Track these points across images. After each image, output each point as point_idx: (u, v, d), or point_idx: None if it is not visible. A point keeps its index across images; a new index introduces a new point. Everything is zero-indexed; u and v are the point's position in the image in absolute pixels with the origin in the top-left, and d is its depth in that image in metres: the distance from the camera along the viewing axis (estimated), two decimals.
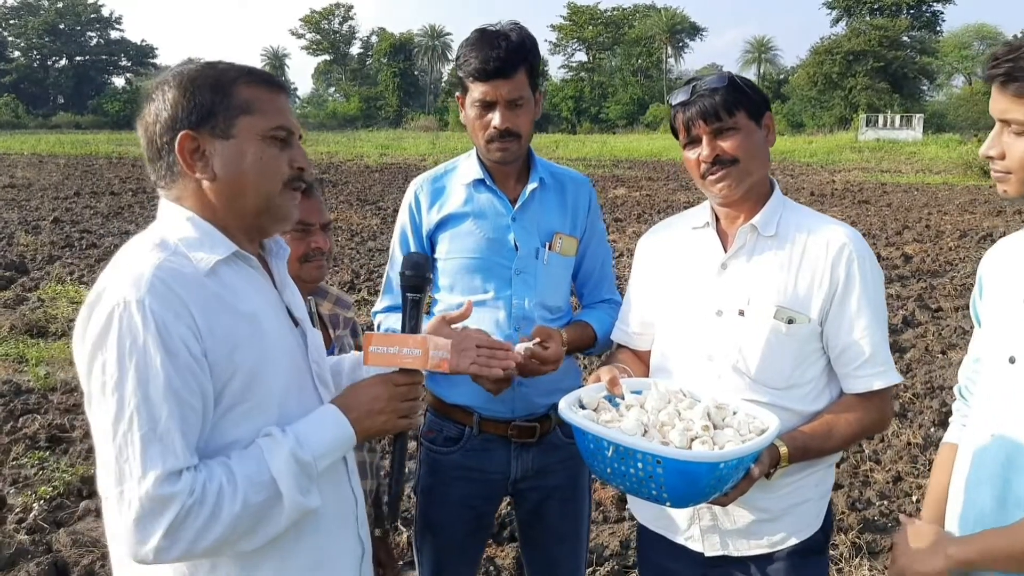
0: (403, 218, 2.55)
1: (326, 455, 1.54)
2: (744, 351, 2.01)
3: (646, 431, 1.77)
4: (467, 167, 2.51)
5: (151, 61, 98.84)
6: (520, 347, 2.21)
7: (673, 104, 2.08)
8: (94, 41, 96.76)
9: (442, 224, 2.48)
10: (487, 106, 2.35)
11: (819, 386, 2.05)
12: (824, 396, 2.06)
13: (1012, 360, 1.69)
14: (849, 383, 2.03)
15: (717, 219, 2.14)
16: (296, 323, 1.69)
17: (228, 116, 1.52)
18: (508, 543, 4.06)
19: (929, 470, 4.84)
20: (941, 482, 1.94)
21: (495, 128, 2.34)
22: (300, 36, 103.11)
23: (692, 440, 1.74)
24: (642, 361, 2.27)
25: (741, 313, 2.02)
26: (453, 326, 2.00)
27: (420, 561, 2.62)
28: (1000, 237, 1.93)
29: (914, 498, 4.62)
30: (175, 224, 1.54)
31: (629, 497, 2.08)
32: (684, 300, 2.13)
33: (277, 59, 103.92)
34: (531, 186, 2.49)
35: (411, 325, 1.70)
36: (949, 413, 2.05)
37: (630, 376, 2.05)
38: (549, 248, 2.50)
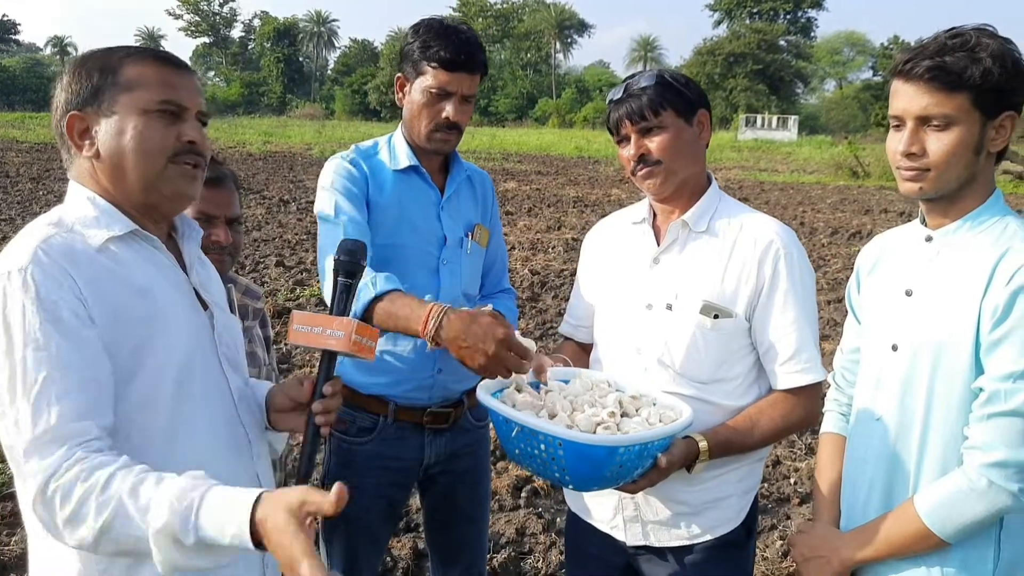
0: (339, 185, 2.33)
1: (213, 550, 1.30)
2: (670, 345, 2.04)
3: (555, 415, 1.79)
4: (395, 152, 2.45)
5: (13, 37, 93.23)
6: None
7: (607, 102, 2.10)
8: None
9: (377, 206, 2.39)
10: (443, 96, 2.32)
11: (747, 381, 2.07)
12: (752, 391, 2.08)
13: (895, 348, 1.79)
14: (775, 379, 2.05)
15: (655, 214, 2.17)
16: (205, 306, 1.65)
17: (112, 94, 1.53)
18: (404, 533, 4.05)
19: (806, 453, 5.14)
20: (832, 475, 1.98)
21: (446, 119, 2.33)
22: (177, 17, 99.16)
23: (598, 425, 1.76)
24: (586, 354, 2.30)
25: (669, 307, 2.05)
26: None
27: (329, 552, 2.58)
28: (868, 235, 2.03)
29: (791, 480, 4.86)
30: (75, 203, 1.55)
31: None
32: (618, 293, 2.17)
33: (153, 40, 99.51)
34: (459, 177, 2.52)
35: (339, 308, 1.69)
36: (822, 400, 2.12)
37: (568, 366, 2.08)
38: (471, 238, 2.53)
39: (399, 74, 2.43)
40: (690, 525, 2.07)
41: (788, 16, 73.45)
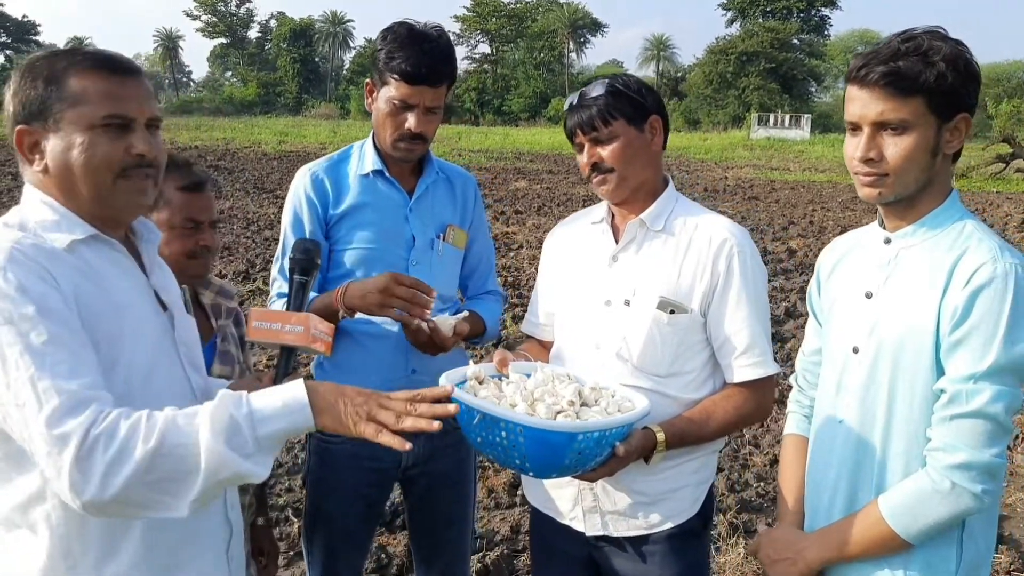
0: (298, 207, 2.49)
1: (269, 420, 1.41)
2: (628, 339, 2.10)
3: (516, 405, 1.83)
4: (364, 157, 2.51)
5: (33, 38, 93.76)
6: (449, 321, 2.32)
7: (565, 107, 2.16)
8: None
9: (341, 214, 2.47)
10: (405, 107, 2.36)
11: (703, 375, 2.14)
12: (708, 385, 2.15)
13: (856, 350, 1.82)
14: (729, 373, 2.12)
15: (613, 215, 2.23)
16: (165, 307, 1.69)
17: (58, 109, 1.51)
18: (400, 531, 4.10)
19: None
20: (796, 477, 2.02)
21: (408, 130, 2.37)
22: (195, 18, 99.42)
23: (558, 414, 1.80)
24: (548, 351, 2.35)
25: (627, 303, 2.11)
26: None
27: (310, 551, 2.62)
28: None
29: None
30: (34, 207, 1.56)
31: (523, 480, 2.16)
32: (578, 291, 2.22)
33: (171, 41, 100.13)
34: (429, 179, 2.54)
35: (296, 305, 1.72)
36: (776, 392, 2.16)
37: (528, 360, 2.13)
38: (443, 239, 2.55)
39: (368, 80, 2.47)
40: (647, 515, 2.12)
41: (801, 15, 72.81)
